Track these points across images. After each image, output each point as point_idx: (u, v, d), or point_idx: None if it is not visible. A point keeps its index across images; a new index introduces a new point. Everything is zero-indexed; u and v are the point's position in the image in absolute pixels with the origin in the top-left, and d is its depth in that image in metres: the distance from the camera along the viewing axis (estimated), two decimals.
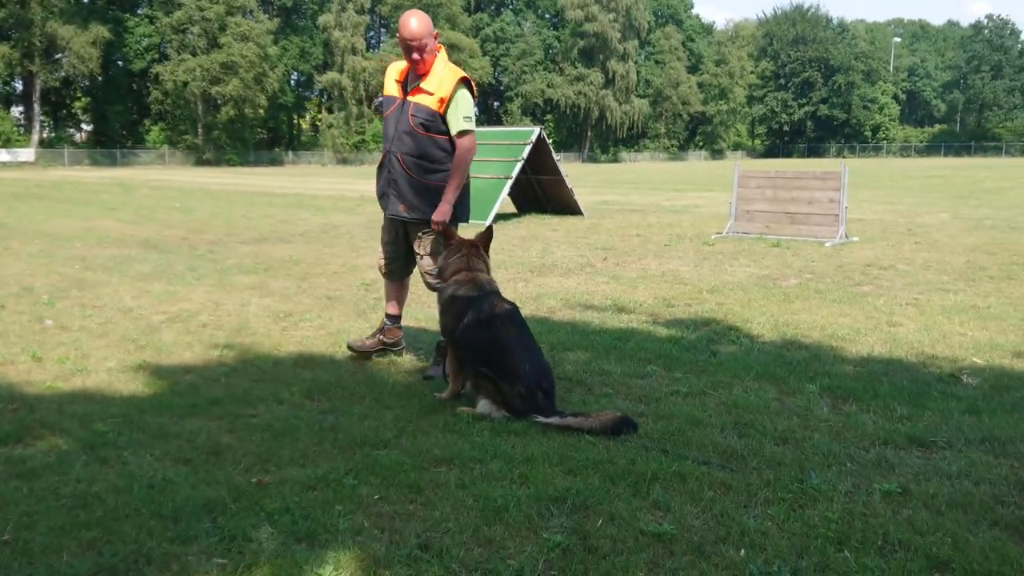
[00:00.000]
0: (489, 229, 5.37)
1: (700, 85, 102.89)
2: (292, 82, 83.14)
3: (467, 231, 5.44)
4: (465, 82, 5.48)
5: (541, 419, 4.49)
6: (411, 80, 5.51)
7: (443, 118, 5.44)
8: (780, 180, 13.68)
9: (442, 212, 5.45)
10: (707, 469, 3.81)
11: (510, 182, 16.17)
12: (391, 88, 5.62)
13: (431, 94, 5.39)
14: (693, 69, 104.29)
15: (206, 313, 7.45)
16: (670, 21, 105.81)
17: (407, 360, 5.95)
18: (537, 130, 16.71)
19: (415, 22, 5.35)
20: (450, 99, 5.39)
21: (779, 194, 13.52)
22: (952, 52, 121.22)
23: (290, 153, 79.56)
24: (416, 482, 3.72)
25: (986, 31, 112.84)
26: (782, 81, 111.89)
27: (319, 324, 7.04)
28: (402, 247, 5.86)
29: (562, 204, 17.90)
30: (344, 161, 77.16)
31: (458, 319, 4.91)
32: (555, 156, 17.36)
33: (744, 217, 13.87)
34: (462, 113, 5.43)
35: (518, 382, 4.61)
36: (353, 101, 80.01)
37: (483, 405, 4.66)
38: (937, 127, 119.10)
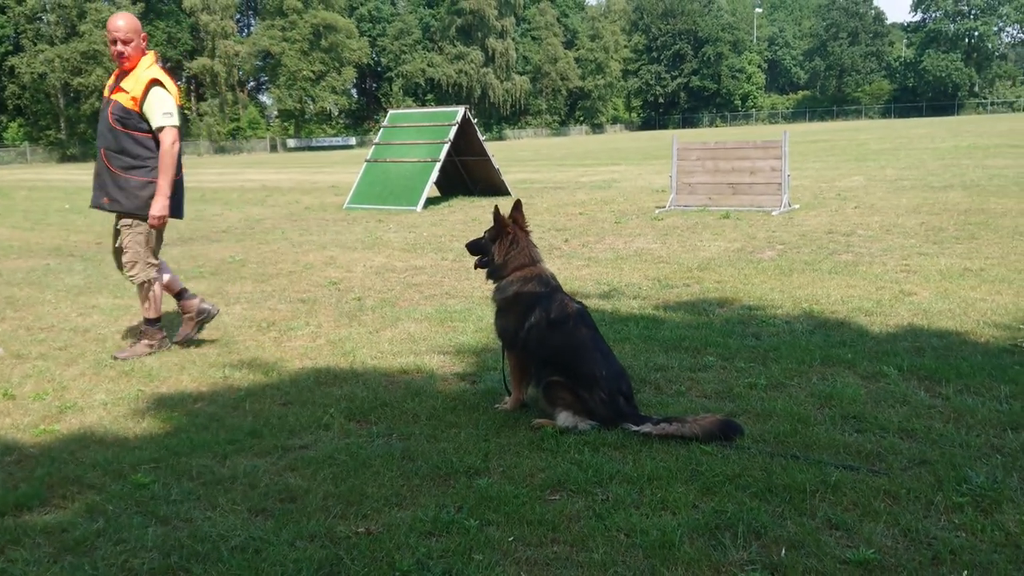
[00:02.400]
0: (519, 204, 4.75)
1: (577, 60, 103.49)
2: None
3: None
4: (157, 83, 5.69)
5: (634, 428, 4.07)
6: (117, 80, 5.76)
7: (141, 116, 5.68)
8: (720, 151, 13.58)
9: (159, 207, 5.67)
10: (857, 475, 3.47)
11: (438, 165, 15.57)
12: (105, 90, 5.87)
13: (127, 92, 5.67)
14: (569, 44, 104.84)
15: (177, 327, 6.67)
16: None
17: (435, 364, 5.41)
18: (461, 110, 16.18)
19: (120, 18, 5.73)
20: (143, 98, 5.64)
21: (720, 165, 13.41)
22: (808, 21, 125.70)
23: None
24: (544, 516, 3.25)
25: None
26: (655, 54, 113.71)
27: (312, 332, 6.40)
28: None
29: (489, 185, 17.41)
30: (222, 150, 74.24)
31: (523, 319, 4.39)
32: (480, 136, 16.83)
33: (685, 190, 13.72)
34: (161, 110, 5.66)
35: (597, 388, 4.18)
36: (227, 87, 76.98)
37: (564, 417, 4.19)
38: (801, 93, 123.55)
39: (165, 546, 3.12)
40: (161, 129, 5.66)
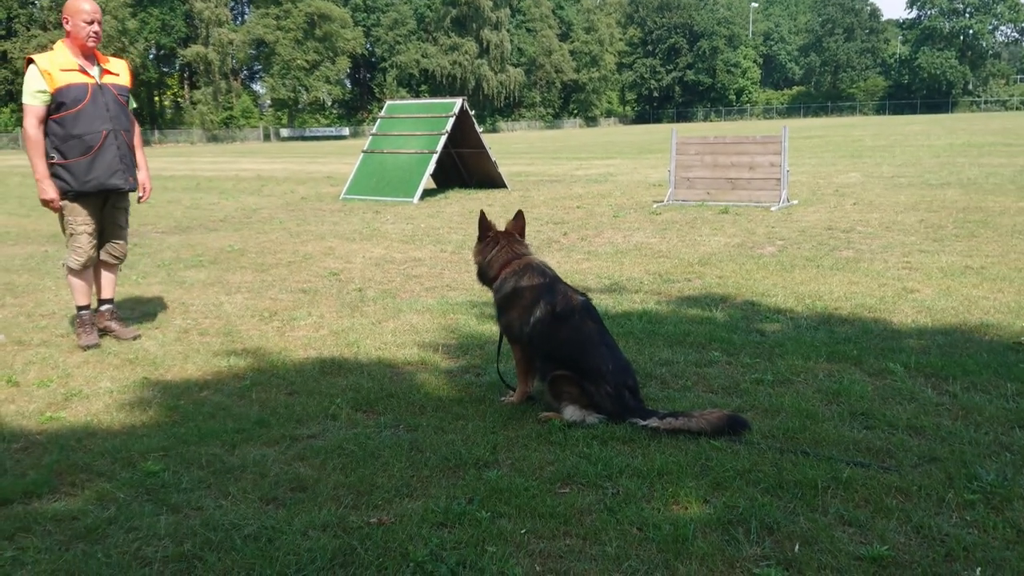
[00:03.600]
0: (520, 215, 4.77)
1: (572, 53, 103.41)
2: (151, 57, 78.69)
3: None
4: None
5: (641, 422, 4.06)
6: (87, 65, 5.67)
7: None
8: (719, 145, 13.57)
9: (148, 179, 6.16)
10: (868, 472, 3.47)
11: (435, 156, 15.53)
12: (69, 78, 5.55)
13: (118, 75, 5.86)
14: (564, 37, 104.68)
15: (179, 316, 6.66)
16: None
17: (439, 355, 5.39)
18: (459, 102, 16.10)
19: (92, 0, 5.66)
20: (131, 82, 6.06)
21: (719, 160, 13.41)
22: (804, 16, 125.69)
23: (156, 132, 75.49)
24: (555, 509, 3.25)
25: None
26: (650, 48, 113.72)
27: (315, 323, 6.38)
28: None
29: (485, 177, 17.37)
30: (215, 139, 73.95)
31: (528, 313, 4.37)
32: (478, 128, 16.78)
33: (684, 184, 13.72)
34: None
35: (603, 381, 4.17)
36: (220, 76, 76.62)
37: (571, 411, 4.19)
38: (795, 89, 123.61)
39: (178, 534, 3.11)
40: (135, 110, 6.12)
